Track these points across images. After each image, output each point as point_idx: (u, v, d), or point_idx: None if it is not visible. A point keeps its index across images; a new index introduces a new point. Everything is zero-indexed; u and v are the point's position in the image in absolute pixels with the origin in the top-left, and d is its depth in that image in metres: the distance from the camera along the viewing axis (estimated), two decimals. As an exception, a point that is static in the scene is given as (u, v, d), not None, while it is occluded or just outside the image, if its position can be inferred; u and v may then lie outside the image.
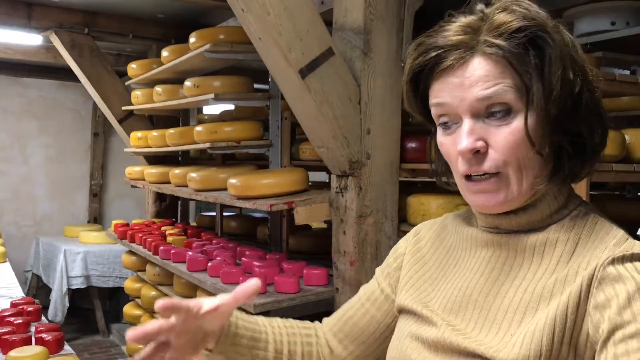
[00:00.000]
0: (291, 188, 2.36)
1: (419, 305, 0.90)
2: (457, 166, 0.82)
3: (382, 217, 2.12)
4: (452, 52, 0.79)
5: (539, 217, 0.83)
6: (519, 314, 0.78)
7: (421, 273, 0.95)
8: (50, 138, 5.89)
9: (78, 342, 4.94)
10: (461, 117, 0.80)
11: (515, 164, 0.78)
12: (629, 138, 1.90)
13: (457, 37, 0.79)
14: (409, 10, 2.10)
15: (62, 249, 4.87)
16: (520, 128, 0.77)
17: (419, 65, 0.83)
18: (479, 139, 0.78)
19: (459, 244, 0.92)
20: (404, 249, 1.01)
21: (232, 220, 3.73)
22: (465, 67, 0.78)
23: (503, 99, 0.77)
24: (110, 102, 4.05)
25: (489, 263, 0.85)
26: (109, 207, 6.25)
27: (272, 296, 2.13)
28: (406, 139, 2.17)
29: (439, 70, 0.80)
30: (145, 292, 3.30)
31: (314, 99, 1.91)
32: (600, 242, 0.78)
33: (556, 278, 0.77)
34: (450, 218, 1.00)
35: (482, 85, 0.77)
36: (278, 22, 1.80)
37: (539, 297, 0.77)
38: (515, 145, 0.77)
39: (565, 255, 0.79)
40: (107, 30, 4.03)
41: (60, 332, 1.92)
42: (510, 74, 0.77)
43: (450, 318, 0.84)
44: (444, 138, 0.84)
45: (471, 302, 0.84)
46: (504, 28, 0.77)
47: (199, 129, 2.84)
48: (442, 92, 0.81)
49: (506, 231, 0.85)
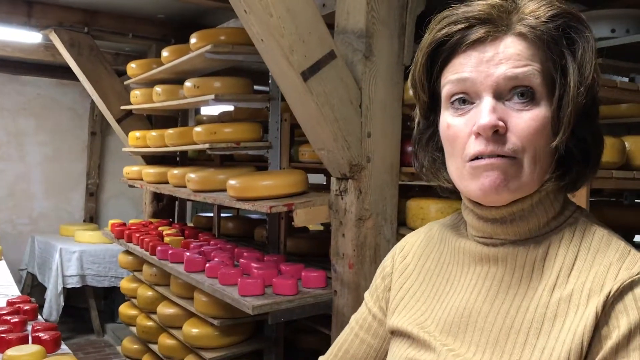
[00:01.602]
0: (290, 190, 2.36)
1: (415, 327, 0.85)
2: (465, 148, 0.77)
3: (382, 220, 2.12)
4: (483, 26, 0.76)
5: (536, 225, 0.79)
6: (522, 335, 0.74)
7: (412, 292, 0.90)
8: (48, 136, 5.88)
9: (72, 341, 4.92)
10: (481, 95, 0.76)
11: (532, 152, 0.75)
12: (629, 145, 1.91)
13: (489, 11, 0.76)
14: (411, 14, 2.11)
15: (57, 248, 4.86)
16: (542, 115, 0.75)
17: (444, 36, 0.78)
18: (500, 119, 0.74)
19: (451, 257, 0.88)
20: (390, 268, 0.97)
21: (229, 222, 3.72)
22: (497, 43, 0.76)
23: (530, 82, 0.74)
24: (109, 101, 4.04)
25: (486, 280, 0.81)
26: (105, 206, 6.24)
27: (271, 298, 2.13)
28: (406, 143, 2.17)
29: (467, 43, 0.76)
30: (142, 292, 3.29)
31: (316, 101, 1.91)
32: (603, 255, 0.75)
33: (560, 296, 0.74)
34: (436, 228, 0.95)
35: (513, 64, 0.74)
36: (281, 24, 1.80)
37: (543, 316, 0.74)
38: (536, 132, 0.74)
39: (565, 269, 0.76)
40: (106, 29, 4.03)
41: (57, 332, 1.91)
42: (540, 58, 0.75)
43: (449, 341, 0.80)
44: (454, 119, 0.79)
45: (470, 324, 0.79)
46: (540, 12, 0.75)
47: (199, 129, 2.84)
48: (465, 66, 0.77)
49: (501, 242, 0.81)
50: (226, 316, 2.49)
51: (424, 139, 0.88)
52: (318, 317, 2.36)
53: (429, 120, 0.87)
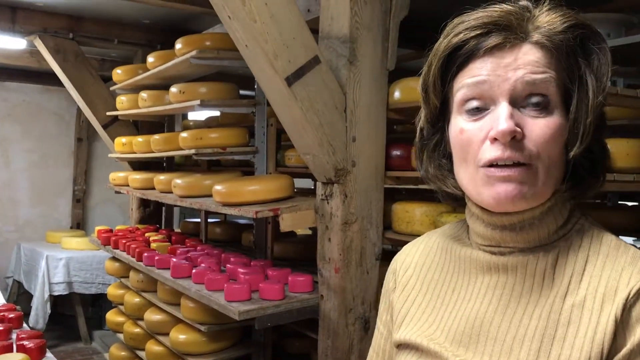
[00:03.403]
0: (277, 195, 2.36)
1: (424, 339, 0.83)
2: (479, 154, 0.76)
3: (367, 224, 2.13)
4: (501, 33, 0.76)
5: (545, 233, 0.79)
6: (536, 343, 0.73)
7: (417, 303, 0.89)
8: (33, 143, 5.84)
9: (59, 349, 4.88)
10: (496, 100, 0.76)
11: (547, 160, 0.75)
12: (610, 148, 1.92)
13: (508, 17, 0.76)
14: (395, 20, 2.12)
15: (44, 255, 4.82)
16: (558, 123, 0.75)
17: (460, 41, 0.78)
18: (517, 125, 0.74)
19: (455, 266, 0.87)
20: (393, 283, 0.95)
21: (216, 227, 3.72)
22: (515, 50, 0.76)
23: (546, 89, 0.75)
24: (95, 107, 4.03)
25: (496, 290, 0.80)
26: (92, 212, 6.20)
27: (257, 303, 2.13)
28: (391, 147, 2.18)
29: (485, 49, 0.76)
30: (129, 298, 3.27)
31: (300, 106, 1.91)
32: (613, 260, 0.75)
33: (572, 303, 0.74)
34: (434, 238, 0.94)
35: (531, 69, 0.75)
36: (264, 29, 1.81)
37: (556, 323, 0.73)
38: (551, 139, 0.75)
39: (576, 276, 0.76)
40: (92, 35, 4.01)
41: (42, 339, 1.90)
42: (557, 67, 0.76)
43: (460, 352, 0.79)
44: (467, 124, 0.78)
45: (482, 333, 0.78)
46: (558, 22, 0.76)
47: (184, 135, 2.83)
48: (482, 70, 0.76)
49: (510, 250, 0.80)
50: (213, 322, 2.49)
51: (431, 146, 0.87)
52: (305, 321, 2.36)
53: (436, 126, 0.87)
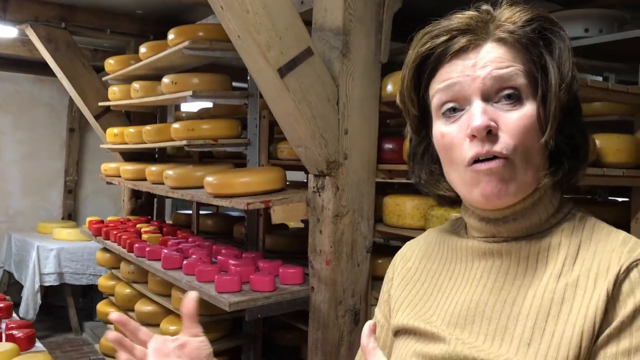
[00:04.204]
0: (268, 187, 2.36)
1: (421, 322, 0.86)
2: (462, 154, 0.80)
3: (359, 217, 2.13)
4: (465, 36, 0.80)
5: (537, 221, 0.82)
6: (531, 320, 0.76)
7: (415, 291, 0.91)
8: (25, 133, 5.81)
9: (50, 340, 4.88)
10: (470, 99, 0.79)
11: (523, 150, 0.78)
12: (599, 143, 1.94)
13: (468, 23, 0.80)
14: (388, 12, 2.12)
15: (35, 246, 4.81)
16: (530, 113, 0.78)
17: (427, 50, 0.82)
18: (492, 119, 0.78)
19: (453, 256, 0.90)
20: (392, 274, 0.98)
21: (208, 219, 3.71)
22: (478, 50, 0.80)
23: (515, 82, 0.78)
24: (87, 97, 4.00)
25: (491, 273, 0.83)
26: (84, 203, 6.18)
27: (248, 295, 2.13)
28: (383, 140, 2.18)
29: (451, 53, 0.80)
30: (120, 289, 3.27)
31: (293, 98, 1.91)
32: (605, 243, 0.78)
33: (566, 282, 0.77)
34: (434, 233, 0.98)
35: (496, 65, 0.78)
36: (257, 20, 1.80)
37: (550, 301, 0.76)
38: (526, 130, 0.77)
39: (570, 258, 0.79)
40: (84, 25, 3.98)
41: (31, 329, 1.90)
42: (522, 59, 0.79)
43: (457, 333, 0.81)
44: (447, 127, 0.81)
45: (478, 315, 0.81)
46: (516, 17, 0.80)
47: (176, 126, 2.82)
48: (452, 73, 0.80)
49: (504, 239, 0.83)
50: (204, 313, 2.49)
51: (419, 154, 0.91)
52: (296, 313, 2.36)
53: (420, 135, 0.90)
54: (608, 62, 2.58)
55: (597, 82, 1.90)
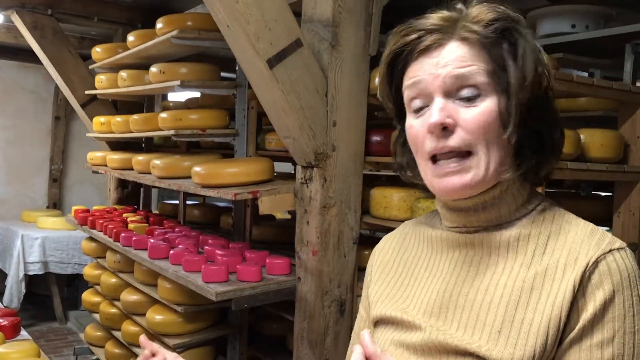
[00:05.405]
0: (256, 178, 2.36)
1: (398, 312, 0.90)
2: (424, 147, 0.84)
3: (346, 209, 2.14)
4: (432, 35, 0.84)
5: (506, 212, 0.86)
6: (502, 309, 0.79)
7: (392, 283, 0.95)
8: (9, 121, 5.74)
9: (34, 329, 4.86)
10: (432, 96, 0.83)
11: (484, 144, 0.81)
12: (584, 138, 1.97)
13: (437, 23, 0.84)
14: (377, 5, 2.13)
15: (19, 234, 4.77)
16: (489, 109, 0.81)
17: (399, 47, 0.87)
18: (449, 116, 0.82)
19: (426, 247, 0.94)
20: (370, 267, 1.03)
21: (195, 209, 3.70)
22: (441, 49, 0.83)
23: (475, 80, 0.81)
24: (73, 85, 3.96)
25: (464, 263, 0.87)
26: (69, 192, 6.13)
27: (234, 284, 2.14)
28: (371, 133, 2.20)
29: (417, 51, 0.84)
30: (105, 279, 3.26)
31: (281, 89, 1.91)
32: (574, 234, 0.81)
33: (535, 271, 0.80)
34: (410, 225, 1.02)
35: (457, 64, 0.82)
36: (247, 10, 1.80)
37: (520, 290, 0.79)
38: (485, 124, 0.81)
39: (540, 249, 0.82)
40: (71, 12, 3.93)
41: (16, 317, 1.89)
42: (484, 58, 0.82)
43: (432, 321, 0.85)
44: (414, 121, 0.86)
45: (451, 303, 0.84)
46: (480, 17, 0.83)
47: (164, 115, 2.81)
48: (418, 71, 0.85)
49: (475, 229, 0.87)
50: (190, 303, 2.49)
51: (400, 142, 0.96)
52: (282, 304, 2.37)
53: (401, 125, 0.94)
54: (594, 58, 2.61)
55: (582, 78, 1.92)
